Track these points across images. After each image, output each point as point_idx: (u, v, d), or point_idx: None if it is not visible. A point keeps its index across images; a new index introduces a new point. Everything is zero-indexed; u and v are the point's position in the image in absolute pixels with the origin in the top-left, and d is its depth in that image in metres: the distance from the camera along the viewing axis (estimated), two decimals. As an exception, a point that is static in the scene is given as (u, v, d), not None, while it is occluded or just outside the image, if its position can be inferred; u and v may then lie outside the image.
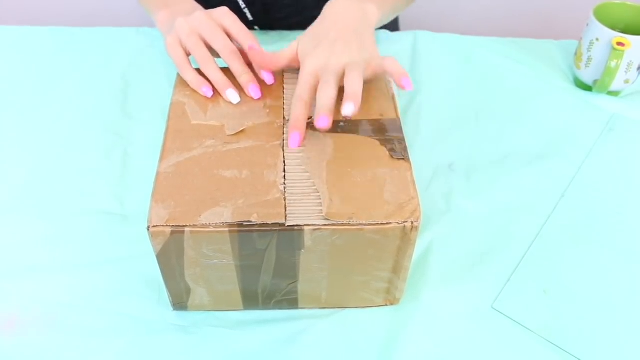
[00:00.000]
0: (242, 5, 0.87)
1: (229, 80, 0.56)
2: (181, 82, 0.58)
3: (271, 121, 0.54)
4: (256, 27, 0.91)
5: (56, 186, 0.65)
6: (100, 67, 0.80)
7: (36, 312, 0.54)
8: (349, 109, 0.49)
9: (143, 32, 0.87)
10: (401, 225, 0.46)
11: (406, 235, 0.47)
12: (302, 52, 0.57)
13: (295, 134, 0.50)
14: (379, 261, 0.49)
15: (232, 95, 0.55)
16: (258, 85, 0.56)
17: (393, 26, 1.00)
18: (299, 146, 0.50)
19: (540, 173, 0.68)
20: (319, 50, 0.56)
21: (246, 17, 0.89)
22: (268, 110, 0.55)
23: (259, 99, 0.56)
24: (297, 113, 0.51)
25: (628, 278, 0.58)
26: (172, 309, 0.54)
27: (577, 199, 0.65)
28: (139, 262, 0.57)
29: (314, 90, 0.53)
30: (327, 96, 0.51)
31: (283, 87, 0.57)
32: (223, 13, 0.59)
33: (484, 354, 0.52)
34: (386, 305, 0.55)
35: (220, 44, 0.57)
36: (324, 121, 0.50)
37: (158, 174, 0.49)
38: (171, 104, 0.56)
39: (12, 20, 0.93)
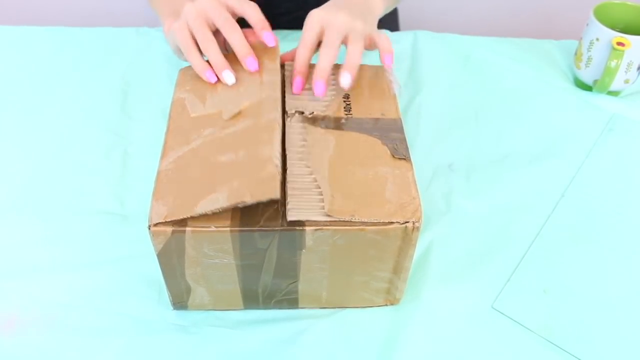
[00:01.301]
0: None
1: (227, 62, 0.56)
2: (182, 80, 0.58)
3: (267, 96, 0.53)
4: None
5: (56, 186, 0.65)
6: (100, 67, 0.80)
7: (36, 312, 0.54)
8: (346, 80, 0.55)
9: (143, 32, 0.87)
10: (402, 225, 0.46)
11: (407, 236, 0.47)
12: (308, 14, 0.61)
13: (298, 79, 0.56)
14: (379, 261, 0.49)
15: (227, 76, 0.55)
16: (255, 58, 0.56)
17: (393, 26, 1.00)
18: (300, 92, 0.56)
19: (540, 173, 0.68)
20: (325, 9, 0.59)
21: None
22: (263, 86, 0.54)
23: (255, 71, 0.56)
24: (300, 57, 0.57)
25: (628, 278, 0.58)
26: (172, 308, 0.54)
27: (577, 199, 0.65)
28: (139, 262, 0.57)
29: (318, 37, 0.57)
30: (327, 58, 0.55)
31: (281, 67, 0.57)
32: None
33: (484, 354, 0.52)
34: (386, 305, 0.55)
35: (222, 19, 0.57)
36: (320, 88, 0.55)
37: (159, 172, 0.49)
38: (172, 102, 0.55)
39: (12, 20, 0.93)
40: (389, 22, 0.97)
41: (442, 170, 0.68)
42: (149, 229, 0.45)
